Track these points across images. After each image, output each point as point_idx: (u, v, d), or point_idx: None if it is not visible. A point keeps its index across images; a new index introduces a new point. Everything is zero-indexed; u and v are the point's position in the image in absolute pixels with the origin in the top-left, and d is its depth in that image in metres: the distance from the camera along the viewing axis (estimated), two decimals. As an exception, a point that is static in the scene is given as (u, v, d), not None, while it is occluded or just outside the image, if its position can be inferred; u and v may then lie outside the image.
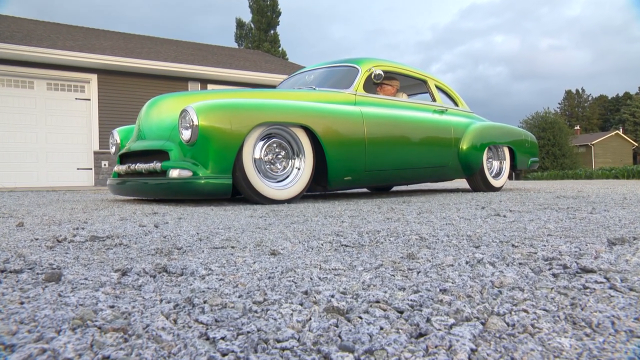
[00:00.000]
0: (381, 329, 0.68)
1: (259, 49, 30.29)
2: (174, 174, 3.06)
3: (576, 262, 1.08)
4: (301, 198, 3.85)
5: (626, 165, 18.21)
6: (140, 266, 1.11)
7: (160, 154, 3.29)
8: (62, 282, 0.98)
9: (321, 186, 3.69)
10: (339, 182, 3.63)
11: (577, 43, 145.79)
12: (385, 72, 4.23)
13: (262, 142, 3.28)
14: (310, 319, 0.73)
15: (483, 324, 0.70)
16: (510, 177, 5.43)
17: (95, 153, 9.72)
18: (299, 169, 3.42)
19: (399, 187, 6.50)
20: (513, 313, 0.74)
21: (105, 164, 9.76)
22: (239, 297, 0.85)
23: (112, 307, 0.79)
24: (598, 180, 13.43)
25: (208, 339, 0.66)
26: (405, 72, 4.57)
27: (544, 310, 0.76)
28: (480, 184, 4.88)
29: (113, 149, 4.15)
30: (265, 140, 3.30)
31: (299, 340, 0.65)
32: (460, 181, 9.21)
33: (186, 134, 3.02)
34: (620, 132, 44.74)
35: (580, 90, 68.36)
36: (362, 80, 4.01)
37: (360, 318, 0.73)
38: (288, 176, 3.41)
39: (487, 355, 0.60)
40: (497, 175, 5.14)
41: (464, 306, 0.77)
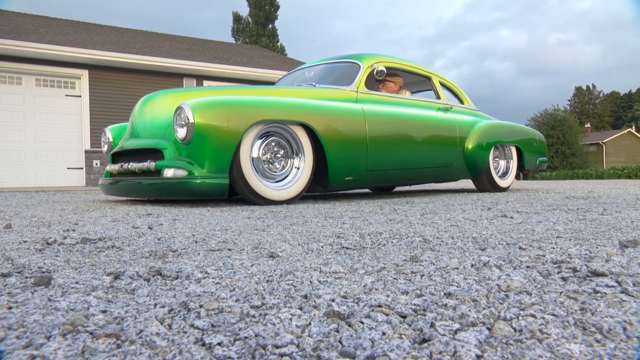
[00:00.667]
0: (383, 334, 0.68)
1: (257, 43, 30.32)
2: (168, 173, 3.06)
3: (586, 265, 1.08)
4: (301, 199, 3.85)
5: (639, 165, 18.22)
6: (134, 269, 1.11)
7: (154, 153, 3.30)
8: (52, 286, 0.98)
9: (321, 186, 3.69)
10: (339, 182, 3.63)
11: (587, 37, 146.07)
12: (388, 68, 4.24)
13: (260, 141, 3.28)
14: (310, 323, 0.73)
15: (489, 329, 0.70)
16: (518, 177, 5.43)
17: (87, 152, 9.72)
18: (298, 168, 3.42)
19: (401, 187, 6.51)
20: (520, 318, 0.74)
21: (97, 163, 9.76)
22: (236, 301, 0.85)
23: (104, 312, 0.79)
24: (609, 180, 13.44)
25: (204, 344, 0.66)
26: (408, 68, 4.57)
27: (553, 315, 0.76)
28: (486, 184, 4.89)
29: (105, 148, 4.15)
30: (264, 138, 3.31)
31: (298, 346, 0.65)
32: (466, 181, 9.21)
33: (181, 132, 3.03)
34: (632, 130, 44.71)
35: (590, 87, 68.37)
36: (363, 76, 4.01)
37: (362, 323, 0.73)
38: (287, 176, 3.41)
39: (494, 361, 0.60)
40: (503, 175, 5.14)
41: (470, 311, 0.77)
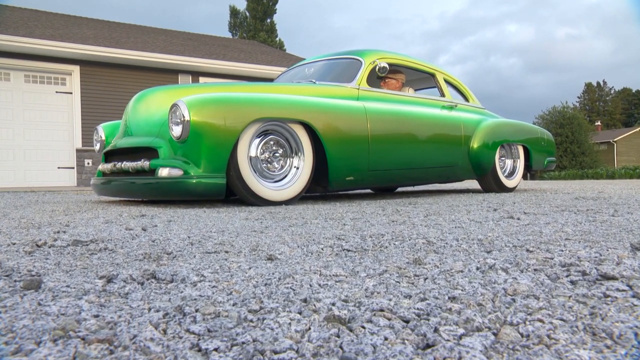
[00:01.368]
0: (385, 339, 0.69)
1: (255, 39, 30.34)
2: (163, 172, 3.06)
3: (596, 268, 1.08)
4: (300, 199, 3.85)
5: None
6: (127, 272, 1.11)
7: (148, 152, 3.30)
8: (42, 289, 0.98)
9: (321, 187, 3.69)
10: (340, 183, 3.63)
11: (597, 32, 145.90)
12: (391, 64, 4.24)
13: (258, 140, 3.28)
14: (310, 328, 0.73)
15: (495, 334, 0.70)
16: (525, 177, 5.43)
17: (78, 151, 9.72)
18: (297, 168, 3.42)
19: (404, 188, 6.51)
20: (527, 323, 0.74)
21: (88, 163, 9.76)
22: (233, 305, 0.85)
23: (96, 316, 0.80)
24: (621, 180, 13.43)
25: (200, 350, 0.66)
26: (411, 64, 4.58)
27: (561, 320, 0.76)
28: (492, 184, 4.89)
29: (97, 146, 4.16)
30: (262, 137, 3.31)
31: (297, 352, 0.65)
32: (470, 181, 9.21)
33: (177, 130, 3.03)
34: (644, 128, 44.68)
35: (601, 83, 68.21)
36: (365, 73, 4.01)
37: (363, 328, 0.73)
38: (286, 176, 3.41)
39: (500, 368, 0.60)
40: (510, 175, 5.14)
41: (475, 315, 0.77)
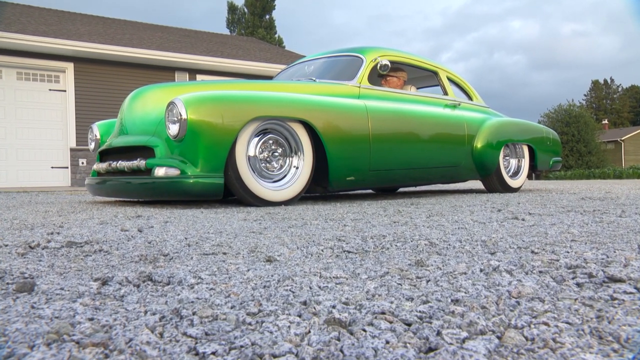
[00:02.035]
0: (387, 342, 0.69)
1: (253, 35, 30.34)
2: (159, 172, 3.06)
3: (603, 270, 1.08)
4: (299, 199, 3.85)
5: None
6: (123, 274, 1.12)
7: (144, 151, 3.30)
8: (35, 292, 0.98)
9: (321, 187, 3.69)
10: (341, 183, 3.63)
11: (603, 28, 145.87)
12: (392, 62, 4.24)
13: (257, 139, 3.28)
14: (310, 331, 0.73)
15: (499, 337, 0.71)
16: (530, 177, 5.43)
17: (72, 150, 9.72)
18: (297, 167, 3.42)
19: (406, 188, 6.51)
20: (532, 326, 0.74)
21: (83, 162, 9.77)
22: (231, 308, 0.86)
23: (91, 319, 0.80)
24: (629, 180, 13.43)
25: (197, 354, 0.66)
26: (413, 62, 4.58)
27: (567, 323, 0.76)
28: (496, 185, 4.89)
29: (92, 145, 4.15)
30: (261, 136, 3.31)
31: (297, 355, 0.65)
32: (474, 181, 9.21)
33: (173, 129, 3.03)
34: (654, 126, 44.66)
35: (608, 81, 68.06)
36: (366, 71, 4.02)
37: (364, 331, 0.73)
38: (285, 176, 3.41)
39: (504, 371, 0.60)
40: (514, 175, 5.14)
41: (478, 318, 0.77)
